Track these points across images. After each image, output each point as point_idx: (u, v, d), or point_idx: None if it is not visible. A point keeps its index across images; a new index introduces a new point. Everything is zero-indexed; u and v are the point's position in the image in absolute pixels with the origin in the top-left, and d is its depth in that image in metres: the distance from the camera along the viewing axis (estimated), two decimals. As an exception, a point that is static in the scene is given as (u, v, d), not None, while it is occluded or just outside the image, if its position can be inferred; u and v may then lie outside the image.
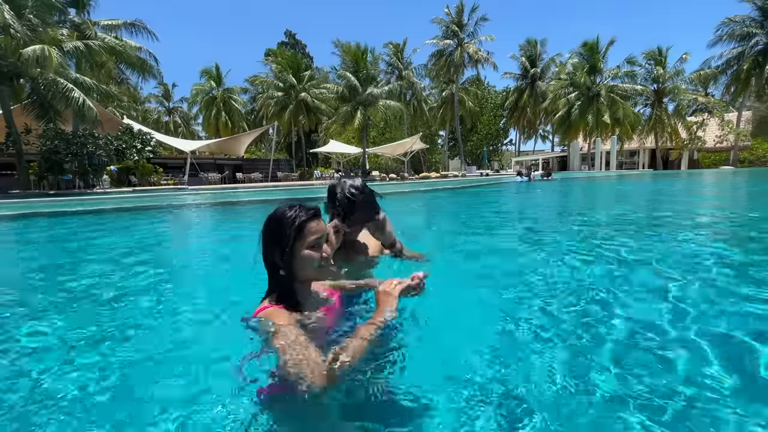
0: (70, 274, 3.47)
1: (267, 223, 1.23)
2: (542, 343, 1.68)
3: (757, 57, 31.00)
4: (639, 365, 1.49)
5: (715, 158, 36.24)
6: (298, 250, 1.20)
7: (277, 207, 1.24)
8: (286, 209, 1.21)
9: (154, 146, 22.00)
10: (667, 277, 2.59)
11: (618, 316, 1.94)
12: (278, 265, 1.22)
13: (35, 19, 16.08)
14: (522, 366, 1.51)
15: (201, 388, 1.40)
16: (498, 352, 1.60)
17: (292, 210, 1.21)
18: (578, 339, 1.72)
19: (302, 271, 1.23)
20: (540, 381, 1.38)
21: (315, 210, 1.25)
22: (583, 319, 1.94)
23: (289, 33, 49.26)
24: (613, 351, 1.60)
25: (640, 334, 1.75)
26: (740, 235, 4.34)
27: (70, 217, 8.32)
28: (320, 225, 1.24)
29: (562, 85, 36.69)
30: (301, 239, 1.19)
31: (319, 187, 20.80)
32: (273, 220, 1.22)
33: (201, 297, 2.64)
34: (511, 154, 56.76)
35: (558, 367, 1.47)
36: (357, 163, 36.23)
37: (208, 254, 4.36)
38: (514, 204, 10.11)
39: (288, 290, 1.23)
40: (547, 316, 1.98)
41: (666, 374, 1.42)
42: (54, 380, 1.55)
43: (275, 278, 1.25)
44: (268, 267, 1.25)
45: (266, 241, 1.23)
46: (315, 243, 1.21)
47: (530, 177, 21.16)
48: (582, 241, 4.14)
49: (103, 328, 2.10)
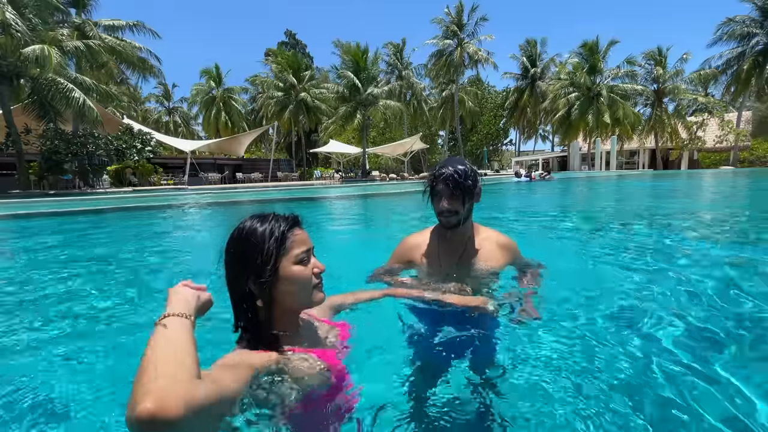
0: (70, 273, 3.47)
1: (234, 242, 0.92)
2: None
3: (757, 57, 30.98)
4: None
5: (715, 158, 36.22)
6: (283, 268, 0.92)
7: (243, 221, 0.95)
8: (255, 221, 0.93)
9: (154, 146, 21.99)
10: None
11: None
12: (253, 293, 0.91)
13: (35, 19, 16.10)
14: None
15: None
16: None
17: (264, 221, 0.93)
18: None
19: (289, 297, 0.95)
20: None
21: (294, 217, 0.98)
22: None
23: (289, 33, 49.25)
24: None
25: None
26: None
27: (70, 217, 8.32)
28: (304, 234, 0.98)
29: (562, 85, 36.68)
30: (284, 254, 0.93)
31: (319, 187, 20.78)
32: (242, 236, 0.92)
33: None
34: (511, 154, 56.74)
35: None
36: (357, 163, 36.21)
37: (208, 254, 4.36)
38: (521, 204, 10.10)
39: (267, 325, 0.93)
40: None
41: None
42: (50, 377, 1.55)
43: (249, 313, 0.93)
44: (238, 300, 0.93)
45: (234, 265, 0.92)
46: (303, 257, 0.95)
47: (531, 177, 21.17)
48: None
49: (102, 329, 2.10)
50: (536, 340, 1.64)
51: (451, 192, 1.58)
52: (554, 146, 49.21)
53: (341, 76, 30.96)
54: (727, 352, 1.61)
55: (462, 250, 1.72)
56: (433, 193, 1.66)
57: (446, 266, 1.72)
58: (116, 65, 21.95)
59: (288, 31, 49.25)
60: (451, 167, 1.59)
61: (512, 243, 1.82)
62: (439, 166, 1.64)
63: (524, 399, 1.29)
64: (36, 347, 1.89)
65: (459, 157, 1.76)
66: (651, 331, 1.78)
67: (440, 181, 1.61)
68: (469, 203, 1.63)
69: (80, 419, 1.30)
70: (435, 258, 1.74)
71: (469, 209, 1.66)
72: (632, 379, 1.40)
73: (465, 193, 1.58)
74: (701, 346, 1.65)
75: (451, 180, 1.57)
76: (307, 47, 49.79)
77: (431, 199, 1.68)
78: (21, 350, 1.87)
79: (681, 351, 1.58)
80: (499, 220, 6.07)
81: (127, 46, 21.00)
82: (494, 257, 1.72)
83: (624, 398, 1.28)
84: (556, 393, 1.31)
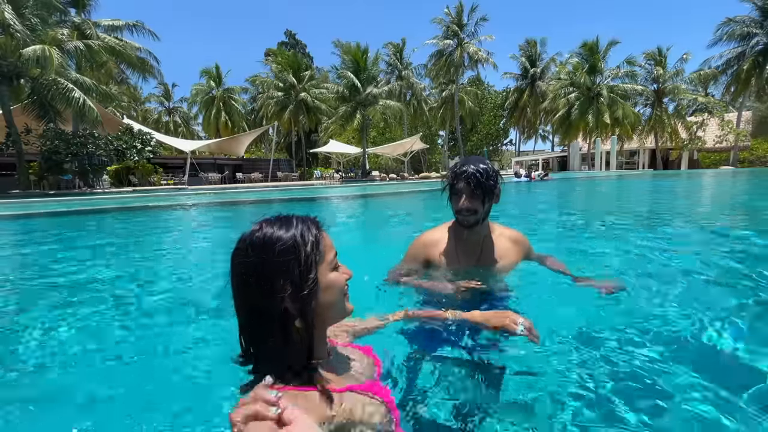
0: (68, 274, 3.47)
1: (256, 254, 0.73)
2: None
3: (757, 57, 30.97)
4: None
5: (715, 158, 36.23)
6: (322, 276, 0.78)
7: (256, 228, 0.76)
8: (276, 226, 0.76)
9: (154, 146, 21.98)
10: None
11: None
12: (289, 312, 0.72)
13: (35, 19, 16.09)
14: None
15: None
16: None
17: (289, 225, 0.76)
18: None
19: (328, 311, 0.80)
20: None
21: (316, 218, 0.83)
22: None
23: (289, 33, 49.25)
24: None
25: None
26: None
27: (70, 217, 8.32)
28: (329, 237, 0.83)
29: (562, 85, 36.67)
30: (321, 261, 0.78)
31: (319, 187, 20.78)
32: (267, 245, 0.73)
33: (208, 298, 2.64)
34: (511, 154, 56.75)
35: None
36: (357, 163, 36.21)
37: (212, 252, 4.36)
38: (522, 204, 10.10)
39: (304, 351, 0.76)
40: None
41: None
42: (57, 377, 1.55)
43: (283, 338, 0.74)
44: (266, 324, 0.73)
45: (259, 282, 0.72)
46: (335, 262, 0.83)
47: (531, 177, 21.18)
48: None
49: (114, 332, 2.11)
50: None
51: (472, 191, 1.55)
52: (554, 146, 49.23)
53: (341, 76, 30.97)
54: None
55: (479, 251, 1.70)
56: (452, 191, 1.62)
57: (465, 265, 1.69)
58: (116, 65, 21.96)
59: (288, 31, 49.27)
60: (473, 166, 1.56)
61: (523, 237, 1.82)
62: (461, 164, 1.61)
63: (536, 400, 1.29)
64: (35, 347, 1.89)
65: (479, 156, 1.74)
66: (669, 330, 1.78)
67: (461, 179, 1.57)
68: (489, 203, 1.61)
69: (80, 419, 1.30)
70: (454, 256, 1.71)
71: (488, 209, 1.63)
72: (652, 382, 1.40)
73: (486, 192, 1.56)
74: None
75: (473, 179, 1.54)
76: (307, 47, 49.82)
77: (450, 197, 1.65)
78: (21, 349, 1.87)
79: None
80: (498, 220, 6.05)
81: (127, 46, 21.00)
82: (509, 254, 1.73)
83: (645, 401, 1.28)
84: (565, 397, 1.31)
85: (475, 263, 1.69)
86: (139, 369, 1.64)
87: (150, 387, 1.48)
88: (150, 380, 1.54)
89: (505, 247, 1.74)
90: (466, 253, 1.70)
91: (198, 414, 1.28)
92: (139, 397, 1.43)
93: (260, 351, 0.76)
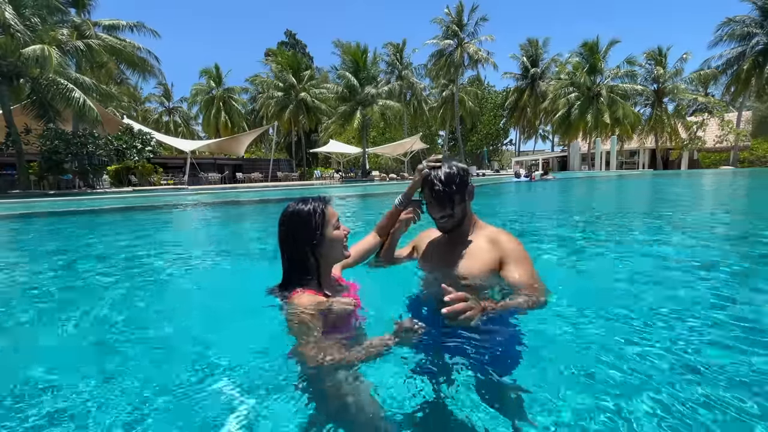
0: (69, 273, 3.47)
1: (289, 221, 1.34)
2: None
3: (757, 57, 30.98)
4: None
5: (715, 158, 36.23)
6: (327, 232, 1.34)
7: (289, 206, 1.36)
8: (300, 204, 1.34)
9: (154, 146, 21.99)
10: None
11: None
12: (309, 253, 1.33)
13: (35, 19, 16.09)
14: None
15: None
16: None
17: (307, 203, 1.34)
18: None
19: (332, 252, 1.37)
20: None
21: (325, 197, 1.39)
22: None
23: (289, 33, 49.24)
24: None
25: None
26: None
27: (70, 217, 8.32)
28: (333, 208, 1.40)
29: (562, 85, 36.68)
30: (327, 224, 1.34)
31: (319, 187, 20.78)
32: (294, 216, 1.33)
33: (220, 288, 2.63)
34: (511, 154, 56.74)
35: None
36: (357, 163, 36.21)
37: (212, 251, 4.36)
38: (521, 204, 10.10)
39: (317, 276, 1.35)
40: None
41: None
42: (61, 378, 1.55)
43: (302, 269, 1.34)
44: (296, 259, 1.34)
45: (292, 236, 1.33)
46: (337, 224, 1.38)
47: (531, 177, 21.18)
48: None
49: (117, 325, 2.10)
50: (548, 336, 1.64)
51: (440, 197, 1.55)
52: (554, 146, 49.23)
53: (341, 76, 30.97)
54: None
55: (462, 250, 1.61)
56: (426, 199, 1.64)
57: (436, 264, 1.68)
58: (116, 65, 21.96)
59: (288, 31, 49.27)
60: (437, 171, 1.57)
61: (505, 237, 1.58)
62: (430, 170, 1.61)
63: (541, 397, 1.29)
64: (36, 347, 1.89)
65: (448, 156, 1.70)
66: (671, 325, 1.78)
67: (427, 187, 1.59)
68: (462, 204, 1.57)
69: (80, 419, 1.30)
70: (429, 254, 1.75)
71: (464, 209, 1.60)
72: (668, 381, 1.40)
73: (451, 197, 1.54)
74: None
75: (434, 191, 1.56)
76: (307, 47, 49.82)
77: (426, 205, 1.66)
78: (21, 350, 1.87)
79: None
80: (497, 220, 6.06)
81: (127, 45, 20.99)
82: (481, 255, 1.56)
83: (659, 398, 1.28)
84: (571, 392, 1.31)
85: (444, 265, 1.61)
86: (139, 369, 1.64)
87: (150, 387, 1.48)
88: (151, 380, 1.54)
89: (479, 247, 1.58)
90: (439, 253, 1.69)
91: (198, 414, 1.28)
92: (140, 397, 1.43)
93: (292, 275, 1.36)
